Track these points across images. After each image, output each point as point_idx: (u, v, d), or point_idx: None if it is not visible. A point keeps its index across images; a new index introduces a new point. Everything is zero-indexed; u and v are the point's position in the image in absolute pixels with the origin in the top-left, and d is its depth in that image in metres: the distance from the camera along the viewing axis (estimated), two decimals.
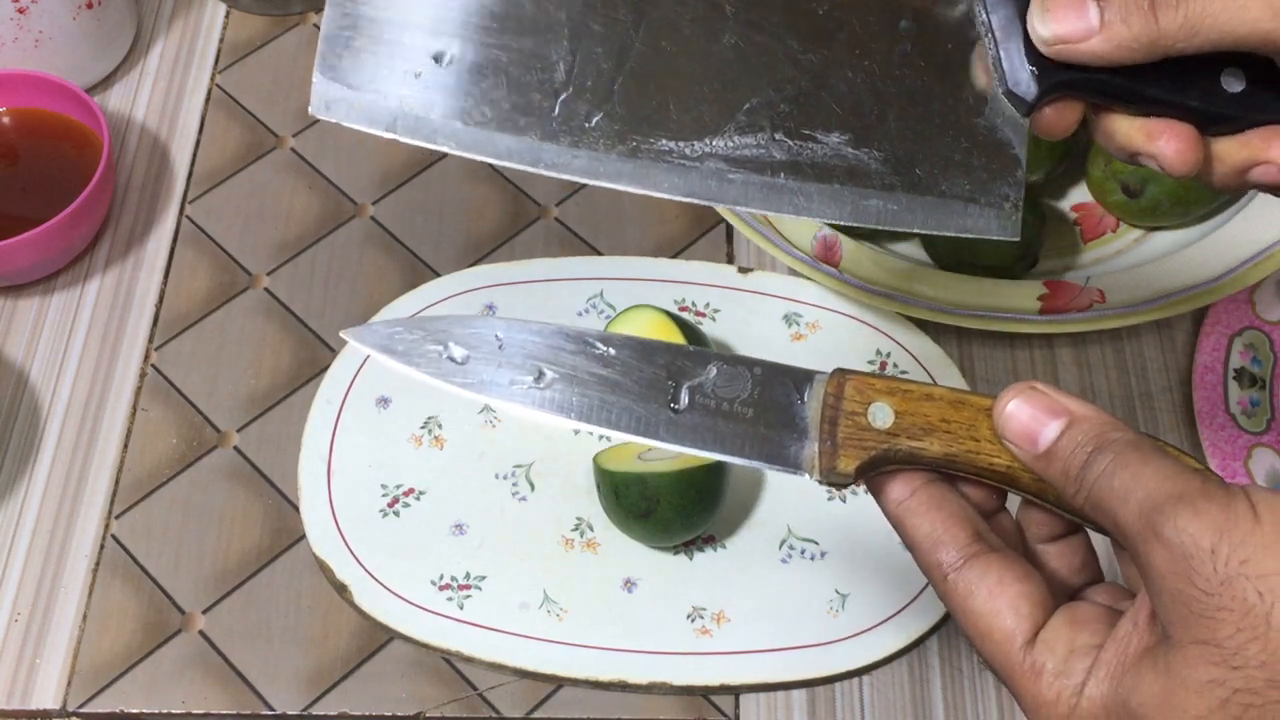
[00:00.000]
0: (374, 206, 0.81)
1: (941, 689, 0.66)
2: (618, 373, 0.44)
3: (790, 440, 0.43)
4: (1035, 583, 0.40)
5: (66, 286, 0.78)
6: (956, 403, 0.42)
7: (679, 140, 0.42)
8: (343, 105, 0.42)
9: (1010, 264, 0.73)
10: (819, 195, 0.43)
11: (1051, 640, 0.39)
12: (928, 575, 0.42)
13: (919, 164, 0.43)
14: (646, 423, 0.43)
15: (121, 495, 0.71)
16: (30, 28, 0.79)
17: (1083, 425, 0.40)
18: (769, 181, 0.43)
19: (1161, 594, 0.36)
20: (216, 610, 0.68)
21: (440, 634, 0.66)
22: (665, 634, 0.66)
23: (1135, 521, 0.37)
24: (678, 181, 0.42)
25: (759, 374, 0.43)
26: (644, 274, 0.77)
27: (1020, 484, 0.41)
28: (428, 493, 0.70)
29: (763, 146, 0.42)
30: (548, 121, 0.42)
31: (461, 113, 0.42)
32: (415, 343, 0.45)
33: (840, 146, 0.43)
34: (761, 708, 0.65)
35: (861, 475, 0.42)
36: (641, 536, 0.67)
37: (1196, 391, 0.72)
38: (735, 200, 0.43)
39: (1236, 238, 0.73)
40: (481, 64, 0.42)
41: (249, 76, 0.86)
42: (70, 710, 0.65)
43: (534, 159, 0.42)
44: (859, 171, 0.43)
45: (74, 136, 0.78)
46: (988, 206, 0.43)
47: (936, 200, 0.43)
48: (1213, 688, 0.35)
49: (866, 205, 0.43)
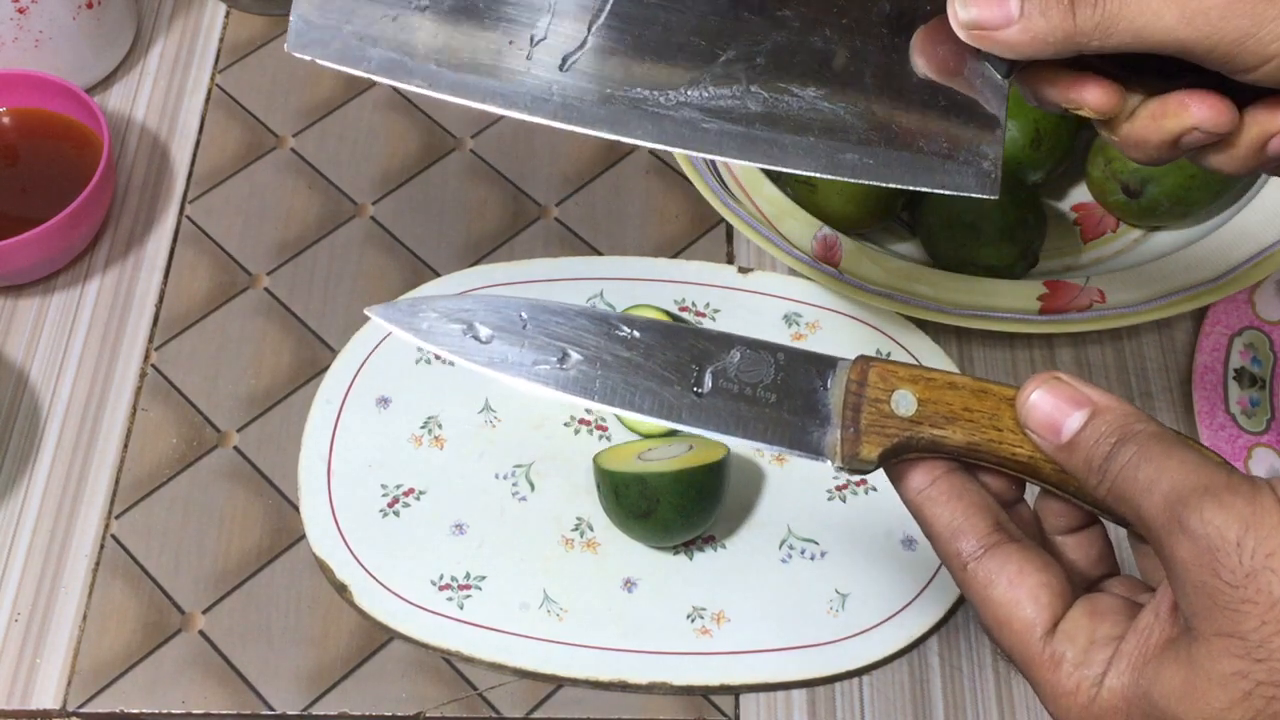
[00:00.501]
0: (374, 206, 0.81)
1: (941, 689, 0.66)
2: (641, 355, 0.44)
3: (813, 426, 0.43)
4: (1055, 573, 0.40)
5: (66, 286, 0.78)
6: (979, 392, 0.42)
7: (654, 89, 0.42)
8: (318, 45, 0.42)
9: (1010, 264, 0.73)
10: (794, 147, 0.43)
11: (1072, 630, 0.39)
12: (947, 564, 0.42)
13: (896, 120, 0.43)
14: (669, 405, 0.43)
15: (121, 495, 0.71)
16: (30, 28, 0.79)
17: (1106, 416, 0.40)
18: (744, 132, 0.43)
19: (1185, 586, 0.36)
20: (216, 610, 0.68)
21: (440, 634, 0.66)
22: (665, 634, 0.66)
23: (1160, 513, 0.37)
24: (651, 129, 0.42)
25: (782, 359, 0.44)
26: (644, 274, 0.77)
27: (1041, 474, 0.42)
28: (428, 493, 0.70)
29: (738, 98, 0.42)
30: (522, 64, 0.42)
31: (437, 54, 0.42)
32: (439, 321, 0.45)
33: (816, 100, 0.43)
34: (761, 708, 0.65)
35: (884, 462, 0.42)
36: (641, 536, 0.67)
37: (1196, 391, 0.72)
38: (709, 149, 0.43)
39: (1236, 238, 0.73)
40: (458, 7, 0.42)
41: (249, 76, 0.86)
42: (70, 710, 0.65)
43: (507, 101, 0.42)
44: (835, 125, 0.43)
45: (74, 136, 0.78)
46: (966, 164, 0.43)
47: (914, 156, 0.43)
48: (1236, 680, 0.35)
49: (842, 159, 0.43)
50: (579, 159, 0.83)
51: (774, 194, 0.75)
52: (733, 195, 0.75)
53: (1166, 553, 0.37)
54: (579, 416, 0.72)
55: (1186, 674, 0.36)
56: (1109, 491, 0.39)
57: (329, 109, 0.85)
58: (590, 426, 0.72)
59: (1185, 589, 0.36)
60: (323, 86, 0.86)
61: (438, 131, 0.84)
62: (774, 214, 0.74)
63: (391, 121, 0.84)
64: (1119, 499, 0.39)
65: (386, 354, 0.74)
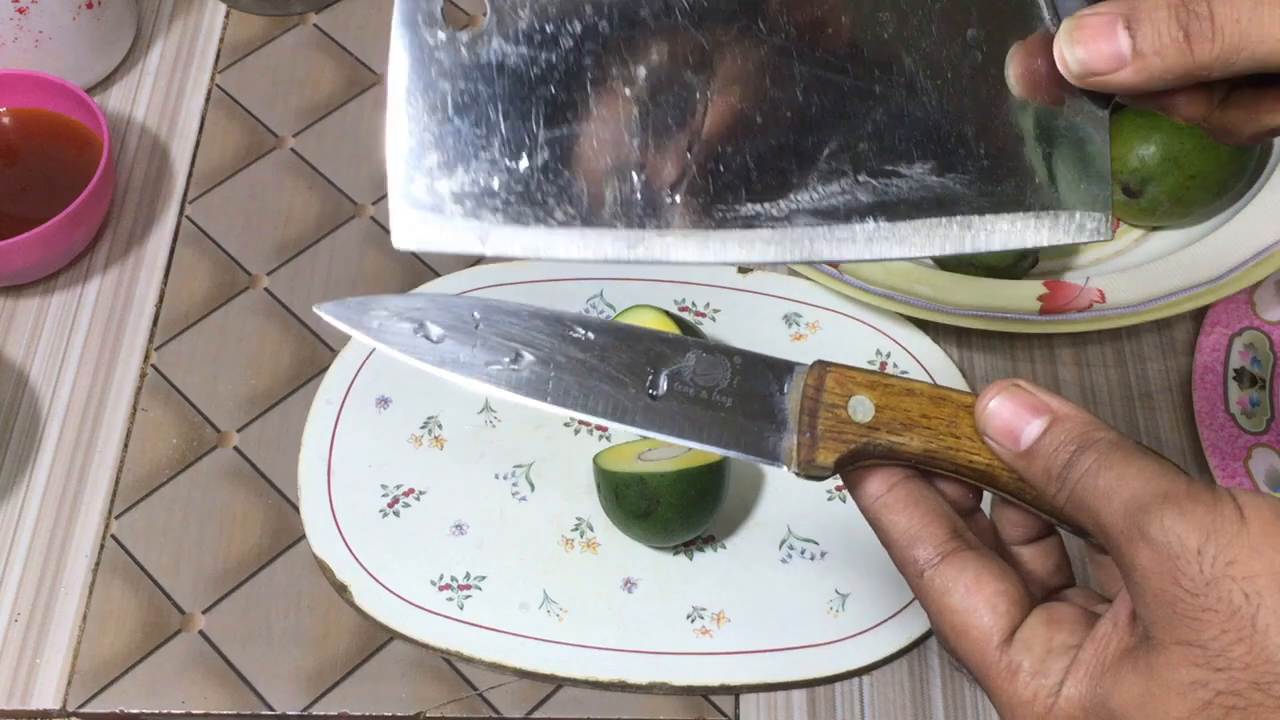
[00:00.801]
0: (373, 206, 0.81)
1: (941, 689, 0.66)
2: (595, 357, 0.43)
3: (769, 431, 0.42)
4: (1013, 581, 0.40)
5: (66, 286, 0.78)
6: (937, 399, 0.41)
7: (764, 201, 0.41)
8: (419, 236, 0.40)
9: (1010, 264, 0.73)
10: (912, 232, 0.41)
11: (1029, 639, 0.39)
12: (903, 571, 0.42)
13: (1004, 179, 0.41)
14: (623, 408, 0.43)
15: (121, 495, 0.71)
16: (30, 28, 0.79)
17: (1065, 424, 0.39)
18: (861, 230, 0.41)
19: (1145, 594, 0.36)
20: (216, 610, 0.68)
21: (440, 634, 0.66)
22: (665, 634, 0.66)
23: (1120, 520, 0.37)
24: (770, 248, 0.41)
25: (739, 363, 0.43)
26: (644, 274, 0.77)
27: (999, 482, 0.41)
28: (428, 493, 0.70)
29: (848, 191, 0.41)
30: (631, 207, 0.41)
31: (546, 216, 0.40)
32: (389, 319, 0.44)
33: (924, 176, 0.41)
34: (761, 708, 0.65)
35: (840, 468, 0.42)
36: (641, 536, 0.67)
37: (1196, 391, 0.72)
38: (831, 256, 0.41)
39: (1236, 238, 0.73)
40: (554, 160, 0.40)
41: (249, 76, 0.86)
42: (70, 710, 0.65)
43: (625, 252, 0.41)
44: (946, 199, 0.41)
45: (74, 136, 0.78)
46: (1078, 211, 0.42)
47: (1025, 214, 0.42)
48: (1195, 689, 0.35)
49: (963, 236, 0.42)
50: None
51: None
52: None
53: (1126, 560, 0.37)
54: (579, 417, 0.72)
55: (1145, 683, 0.36)
56: (1068, 500, 0.39)
57: (329, 109, 0.85)
58: (590, 427, 0.72)
59: (1145, 597, 0.36)
60: (323, 86, 0.86)
61: None
62: None
63: None
64: (1078, 507, 0.38)
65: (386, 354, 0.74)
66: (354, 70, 0.87)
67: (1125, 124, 0.73)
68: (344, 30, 0.88)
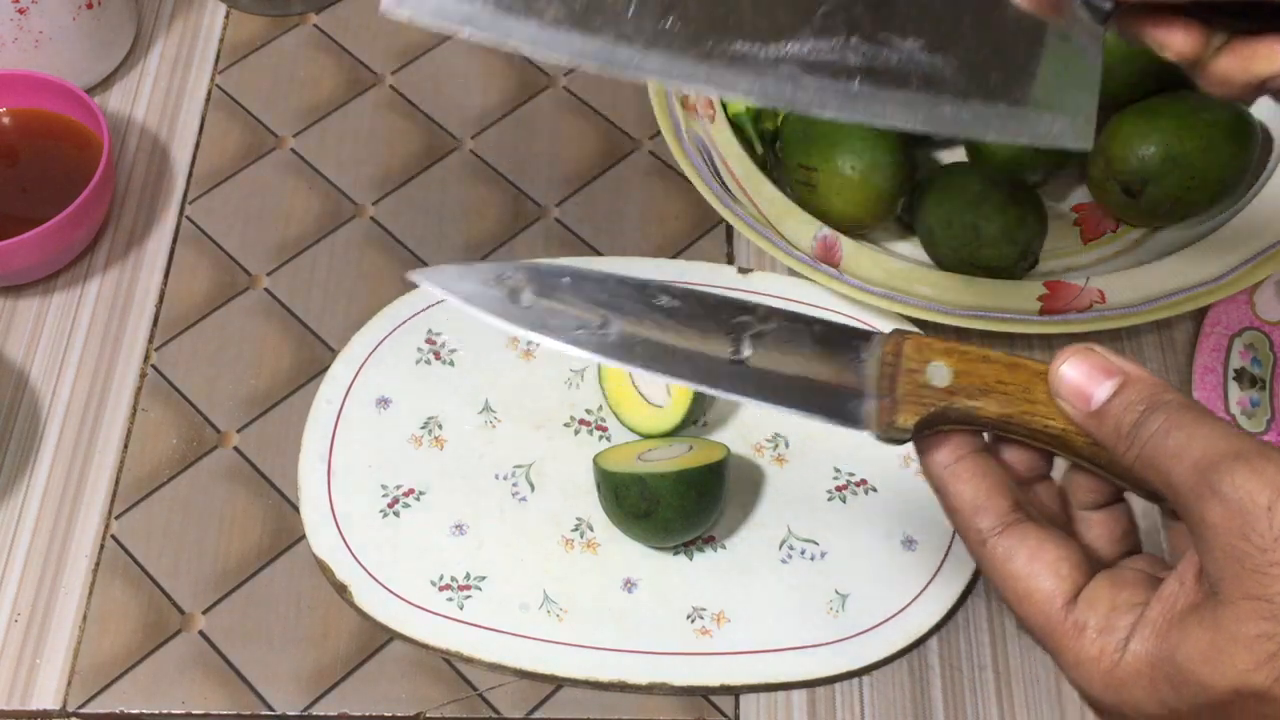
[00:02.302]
0: (374, 206, 0.81)
1: (941, 689, 0.66)
2: (680, 322, 0.44)
3: (850, 396, 0.43)
4: (1073, 548, 0.41)
5: (66, 286, 0.78)
6: (1012, 365, 0.43)
7: (754, 43, 0.42)
8: (413, 2, 0.41)
9: (1010, 264, 0.73)
10: (893, 102, 0.42)
11: (1094, 598, 0.40)
12: (965, 539, 0.43)
13: (993, 70, 0.42)
14: (709, 372, 0.44)
15: (121, 495, 0.71)
16: (30, 28, 0.79)
17: (1136, 386, 0.40)
18: (844, 87, 0.42)
19: (1214, 549, 0.37)
20: (216, 610, 0.68)
21: (440, 634, 0.66)
22: (665, 634, 0.66)
23: (1190, 477, 0.38)
24: (752, 84, 0.42)
25: (818, 331, 0.44)
26: (644, 274, 0.77)
27: (1073, 447, 0.42)
28: (428, 493, 0.70)
29: (838, 51, 0.42)
30: (622, 22, 0.41)
31: (536, 11, 0.41)
32: (481, 285, 0.45)
33: (915, 52, 0.42)
34: (761, 708, 0.65)
35: (919, 432, 0.43)
36: (641, 537, 0.67)
37: (1196, 391, 0.72)
38: (809, 105, 0.42)
39: (1236, 238, 0.73)
40: None
41: (249, 77, 0.86)
42: (70, 710, 0.65)
43: (608, 59, 0.42)
44: (934, 78, 0.42)
45: (74, 136, 0.78)
46: (1061, 114, 0.43)
47: (1010, 107, 0.43)
48: (1262, 641, 0.36)
49: (940, 112, 0.43)
50: (579, 159, 0.83)
51: (774, 194, 0.75)
52: (733, 196, 0.75)
53: (1195, 516, 0.37)
54: (579, 417, 0.72)
55: (1212, 637, 0.37)
56: (1138, 458, 0.39)
57: (329, 109, 0.85)
58: (590, 427, 0.72)
59: (1214, 553, 0.37)
60: (323, 86, 0.86)
61: (438, 132, 0.84)
62: (774, 214, 0.74)
63: (391, 121, 0.84)
64: (1148, 466, 0.39)
65: (386, 354, 0.74)
66: (354, 70, 0.87)
67: (1125, 124, 0.73)
68: (344, 30, 0.88)
